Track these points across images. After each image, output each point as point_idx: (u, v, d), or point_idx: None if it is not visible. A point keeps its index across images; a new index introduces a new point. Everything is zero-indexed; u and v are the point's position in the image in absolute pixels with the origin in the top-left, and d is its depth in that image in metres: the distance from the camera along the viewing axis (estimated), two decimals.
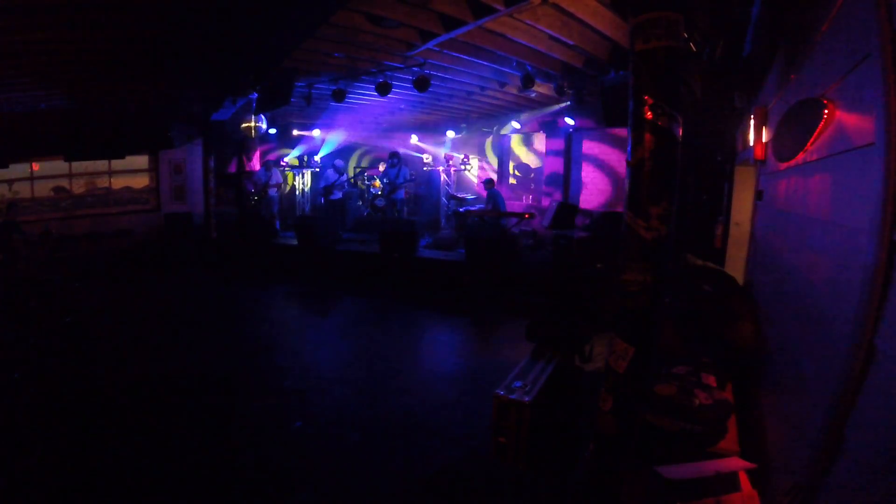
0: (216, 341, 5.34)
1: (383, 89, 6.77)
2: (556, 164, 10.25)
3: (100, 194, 9.89)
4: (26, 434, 3.29)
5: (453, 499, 2.78)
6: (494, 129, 11.40)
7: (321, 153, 12.67)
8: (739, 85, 3.99)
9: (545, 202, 10.44)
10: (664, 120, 1.85)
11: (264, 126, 10.25)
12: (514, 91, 7.82)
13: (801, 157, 2.01)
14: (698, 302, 3.02)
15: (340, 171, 10.77)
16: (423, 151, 13.08)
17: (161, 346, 5.12)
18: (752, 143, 3.38)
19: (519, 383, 2.90)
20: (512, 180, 12.34)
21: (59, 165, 9.25)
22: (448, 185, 11.97)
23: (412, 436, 3.40)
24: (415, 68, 6.35)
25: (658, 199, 1.88)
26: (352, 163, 13.93)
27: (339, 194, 10.77)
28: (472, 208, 9.85)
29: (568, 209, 8.55)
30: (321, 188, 10.99)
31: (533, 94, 8.12)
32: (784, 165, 2.41)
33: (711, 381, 2.50)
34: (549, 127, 10.12)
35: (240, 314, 6.53)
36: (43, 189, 9.34)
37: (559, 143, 10.08)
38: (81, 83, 6.54)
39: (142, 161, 10.16)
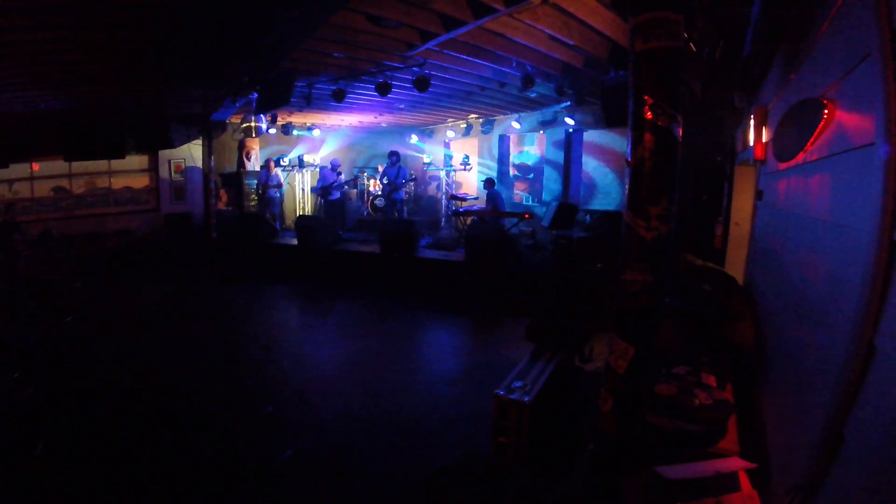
0: (216, 341, 5.34)
1: (383, 89, 6.76)
2: (556, 164, 10.24)
3: (100, 194, 9.89)
4: (26, 434, 3.29)
5: (453, 499, 2.78)
6: (494, 129, 11.40)
7: (321, 153, 12.67)
8: (739, 85, 3.99)
9: (545, 202, 10.43)
10: (664, 120, 1.85)
11: (264, 126, 10.27)
12: (514, 91, 7.81)
13: (801, 157, 2.01)
14: (698, 302, 3.02)
15: (338, 171, 10.77)
16: (422, 151, 13.08)
17: (160, 347, 5.12)
18: (752, 143, 3.38)
19: (519, 383, 2.90)
20: (512, 180, 12.34)
21: (59, 165, 9.24)
22: (448, 185, 11.96)
23: (412, 435, 3.41)
24: (415, 68, 6.34)
25: (658, 199, 1.88)
26: (356, 162, 13.92)
27: (337, 194, 10.76)
28: (472, 208, 9.84)
29: (568, 209, 8.55)
30: (319, 189, 10.98)
31: (533, 94, 8.11)
32: (784, 165, 2.41)
33: (711, 381, 2.50)
34: (549, 127, 10.11)
35: (240, 314, 6.53)
36: (43, 189, 9.33)
37: (559, 143, 10.07)
38: (81, 83, 6.54)
39: (142, 161, 10.15)
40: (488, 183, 9.71)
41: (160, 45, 5.17)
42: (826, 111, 1.69)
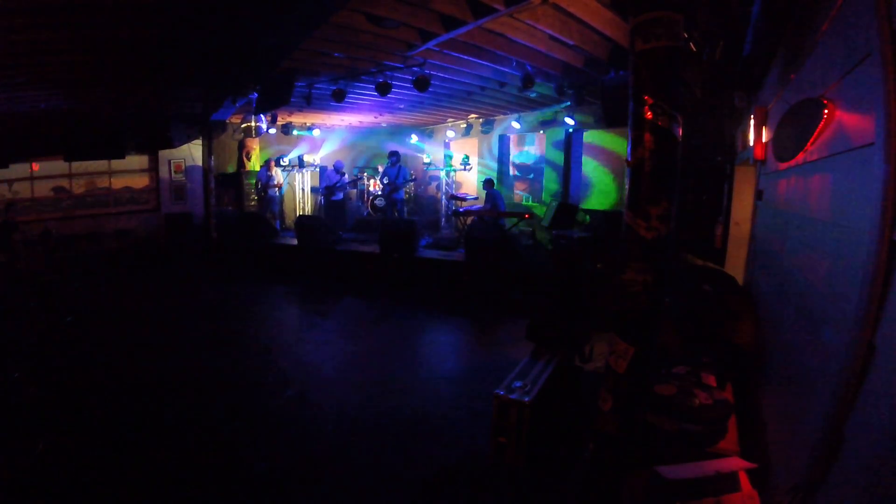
0: (216, 341, 5.34)
1: (383, 89, 6.76)
2: (556, 165, 10.24)
3: (100, 194, 9.89)
4: (26, 433, 3.29)
5: (453, 499, 2.78)
6: (494, 129, 11.40)
7: (321, 153, 12.67)
8: (739, 85, 3.99)
9: (545, 202, 10.43)
10: (664, 120, 1.85)
11: (264, 126, 10.26)
12: (514, 91, 7.81)
13: (801, 157, 2.01)
14: (698, 302, 3.02)
15: (342, 172, 10.78)
16: (422, 151, 13.08)
17: (161, 347, 5.12)
18: (752, 143, 3.38)
19: (519, 383, 2.91)
20: (512, 180, 12.34)
21: (59, 165, 9.24)
22: (448, 185, 11.96)
23: (412, 436, 3.41)
24: (415, 68, 6.34)
25: (658, 199, 1.88)
26: (357, 162, 13.91)
27: (340, 195, 10.77)
28: (472, 208, 9.85)
29: (568, 209, 8.55)
30: (322, 189, 10.98)
31: (533, 94, 8.11)
32: (784, 165, 2.41)
33: (711, 381, 2.50)
34: (549, 127, 10.11)
35: (240, 314, 6.52)
36: (43, 189, 9.33)
37: (559, 143, 10.07)
38: (81, 83, 6.54)
39: (142, 161, 10.16)
40: (487, 183, 9.72)
41: (160, 45, 5.17)
42: (826, 111, 1.69)
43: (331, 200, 10.75)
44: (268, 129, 10.54)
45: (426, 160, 12.83)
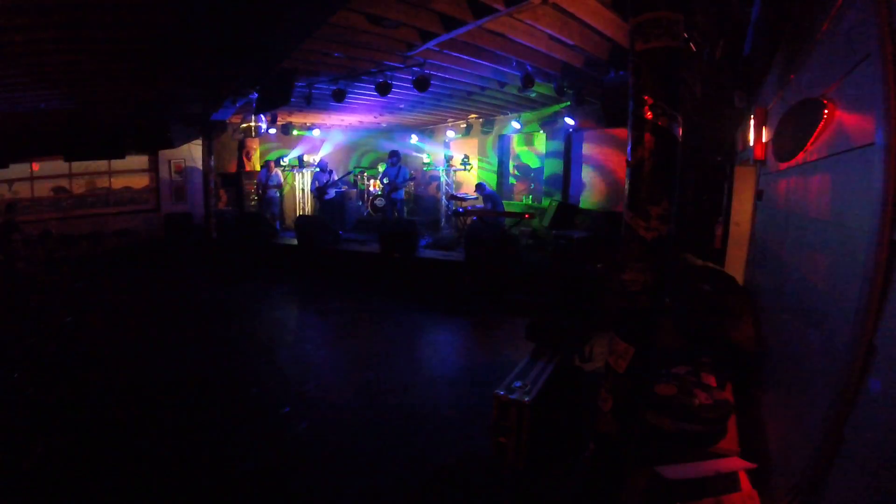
0: (216, 341, 5.34)
1: (383, 89, 6.76)
2: (556, 164, 10.24)
3: (100, 194, 9.90)
4: (26, 434, 3.29)
5: (453, 499, 2.78)
6: (494, 129, 11.40)
7: (321, 153, 12.68)
8: (739, 85, 3.99)
9: (545, 202, 10.43)
10: (664, 120, 1.85)
11: (264, 126, 10.27)
12: (515, 91, 7.81)
13: (801, 157, 2.01)
14: (698, 302, 3.02)
15: (327, 170, 10.80)
16: (422, 151, 13.08)
17: (161, 347, 5.12)
18: (752, 143, 3.38)
19: (519, 383, 2.90)
20: (512, 180, 12.34)
21: (59, 165, 9.25)
22: (448, 185, 11.97)
23: (412, 436, 3.40)
24: (415, 68, 6.34)
25: (658, 199, 1.88)
26: (352, 162, 13.92)
27: (332, 193, 10.77)
28: (472, 208, 9.85)
29: (568, 209, 8.55)
30: (313, 191, 11.01)
31: (533, 94, 8.11)
32: (784, 165, 2.40)
33: (711, 381, 2.50)
34: (549, 127, 10.11)
35: (240, 314, 6.52)
36: (43, 189, 9.34)
37: (559, 143, 10.07)
38: (81, 83, 6.54)
39: (142, 161, 10.16)
40: (478, 187, 9.83)
41: (160, 45, 5.17)
42: (826, 111, 1.69)
43: (324, 200, 10.75)
44: (268, 129, 10.54)
45: (426, 160, 12.83)
